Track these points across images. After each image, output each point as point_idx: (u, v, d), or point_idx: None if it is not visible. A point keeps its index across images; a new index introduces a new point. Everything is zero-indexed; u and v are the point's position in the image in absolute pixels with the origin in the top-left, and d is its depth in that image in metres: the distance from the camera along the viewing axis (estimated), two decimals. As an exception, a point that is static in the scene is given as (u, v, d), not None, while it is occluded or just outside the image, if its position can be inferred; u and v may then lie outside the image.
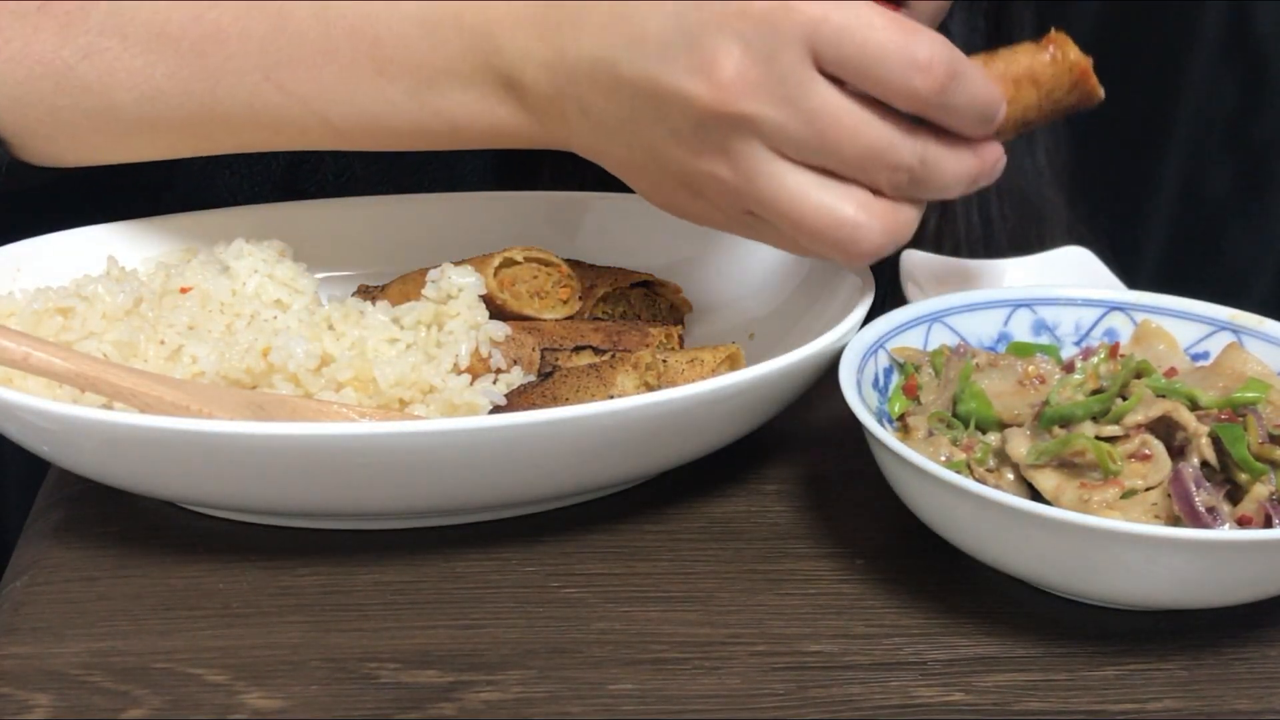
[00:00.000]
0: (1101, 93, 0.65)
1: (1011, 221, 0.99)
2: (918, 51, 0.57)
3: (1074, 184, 1.09)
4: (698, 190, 0.62)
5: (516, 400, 0.66)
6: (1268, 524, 0.55)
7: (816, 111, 0.57)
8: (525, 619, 0.56)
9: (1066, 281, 0.77)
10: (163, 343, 0.65)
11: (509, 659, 0.54)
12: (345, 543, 0.61)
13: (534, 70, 0.62)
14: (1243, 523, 0.55)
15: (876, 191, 0.60)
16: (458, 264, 0.71)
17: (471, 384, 0.66)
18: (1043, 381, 0.63)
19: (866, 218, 0.59)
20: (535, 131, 0.65)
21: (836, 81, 0.58)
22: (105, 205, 0.76)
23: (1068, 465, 0.57)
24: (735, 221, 0.63)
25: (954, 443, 0.60)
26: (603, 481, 0.63)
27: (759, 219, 0.62)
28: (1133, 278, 0.79)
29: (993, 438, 0.60)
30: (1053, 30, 0.64)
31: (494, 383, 0.67)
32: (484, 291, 0.70)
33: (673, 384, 0.63)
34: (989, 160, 0.62)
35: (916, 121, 0.59)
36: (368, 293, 0.75)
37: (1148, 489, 0.56)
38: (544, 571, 0.59)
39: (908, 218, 0.61)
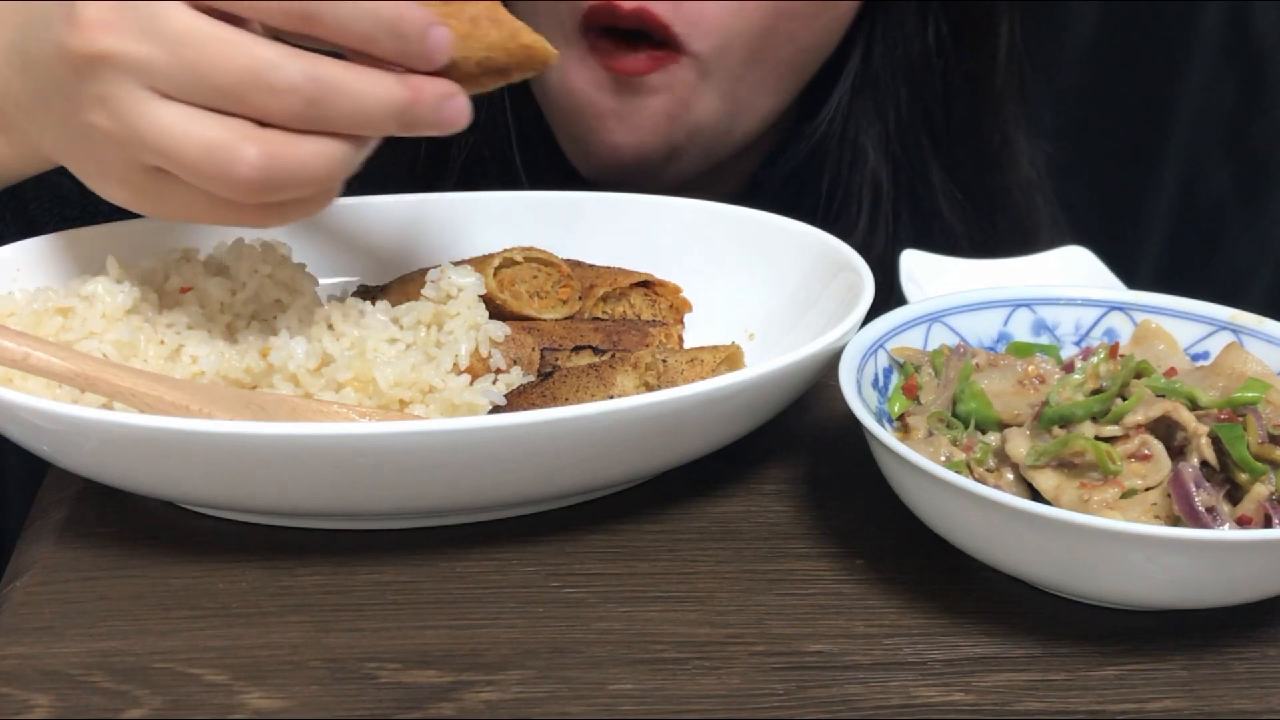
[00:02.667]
0: (554, 54, 0.62)
1: (1004, 226, 0.99)
2: None
3: (1073, 184, 1.09)
4: (100, 155, 0.59)
5: (516, 400, 0.66)
6: (1268, 524, 0.55)
7: (179, 39, 0.55)
8: (525, 619, 0.56)
9: (1066, 281, 0.77)
10: (163, 343, 0.65)
11: (509, 659, 0.54)
12: (345, 543, 0.61)
13: None
14: (1243, 523, 0.55)
15: (270, 124, 0.56)
16: (458, 264, 0.71)
17: (471, 384, 0.66)
18: (1043, 381, 0.62)
19: (240, 140, 0.55)
20: (12, 153, 0.66)
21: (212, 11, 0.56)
22: None
23: (1067, 465, 0.57)
24: (141, 190, 0.60)
25: (954, 443, 0.60)
26: (603, 481, 0.63)
27: (161, 179, 0.58)
28: (1133, 278, 0.79)
29: (993, 438, 0.60)
30: None
31: (494, 383, 0.67)
32: (484, 291, 0.70)
33: (673, 384, 0.63)
34: (424, 91, 0.58)
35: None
36: (368, 293, 0.75)
37: (1148, 489, 0.56)
38: (544, 571, 0.59)
39: (313, 150, 0.57)
